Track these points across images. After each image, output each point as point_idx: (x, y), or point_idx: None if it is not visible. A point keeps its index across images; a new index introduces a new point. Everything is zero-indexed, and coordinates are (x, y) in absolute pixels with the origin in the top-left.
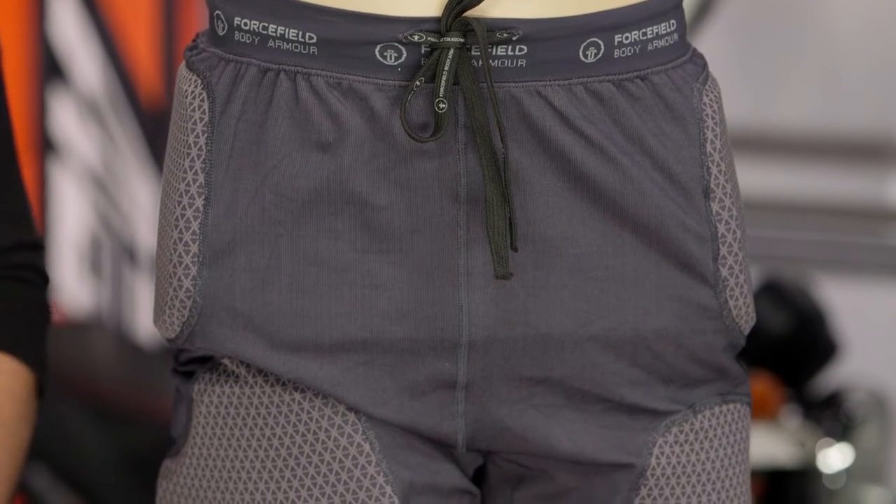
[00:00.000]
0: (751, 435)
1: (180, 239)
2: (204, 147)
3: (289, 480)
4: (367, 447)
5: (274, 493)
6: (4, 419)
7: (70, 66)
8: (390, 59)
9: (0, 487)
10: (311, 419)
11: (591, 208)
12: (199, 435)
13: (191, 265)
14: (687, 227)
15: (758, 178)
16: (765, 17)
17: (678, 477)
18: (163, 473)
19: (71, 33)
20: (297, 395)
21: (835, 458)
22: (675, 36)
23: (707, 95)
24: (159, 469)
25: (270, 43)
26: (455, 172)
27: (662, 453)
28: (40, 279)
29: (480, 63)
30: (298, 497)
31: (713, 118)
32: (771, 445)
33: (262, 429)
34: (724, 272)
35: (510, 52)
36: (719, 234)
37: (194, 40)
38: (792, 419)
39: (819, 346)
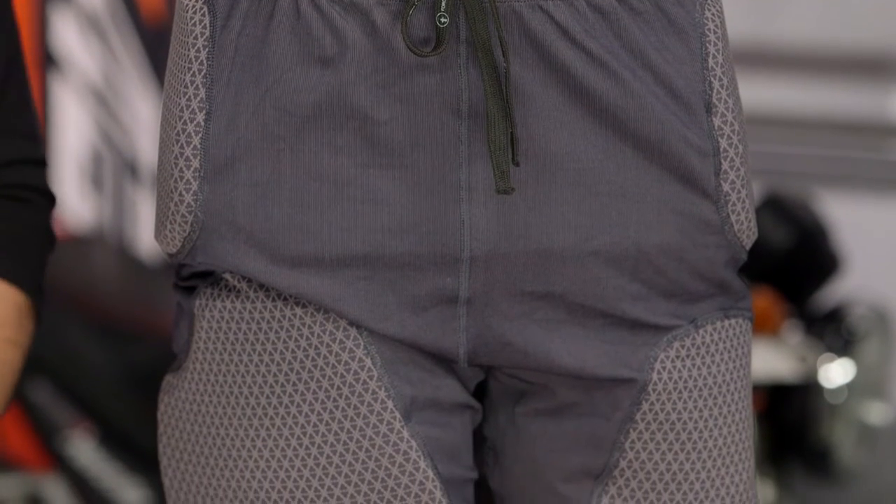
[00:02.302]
0: (752, 350)
1: (181, 154)
2: (205, 62)
3: (290, 395)
4: (368, 362)
5: (275, 407)
6: None
7: None
8: None
9: None
10: (312, 334)
11: (593, 123)
12: (200, 350)
13: (192, 180)
14: (689, 142)
15: (760, 93)
16: None
17: (679, 392)
18: (164, 388)
19: None
20: (299, 310)
21: (836, 373)
22: None
23: (709, 10)
24: (161, 384)
25: None
26: (456, 87)
27: (664, 368)
28: (43, 199)
29: None
30: (300, 412)
31: (715, 32)
32: (772, 360)
33: (263, 343)
34: (726, 187)
35: None
36: (721, 149)
37: None
38: (793, 334)
39: (821, 261)
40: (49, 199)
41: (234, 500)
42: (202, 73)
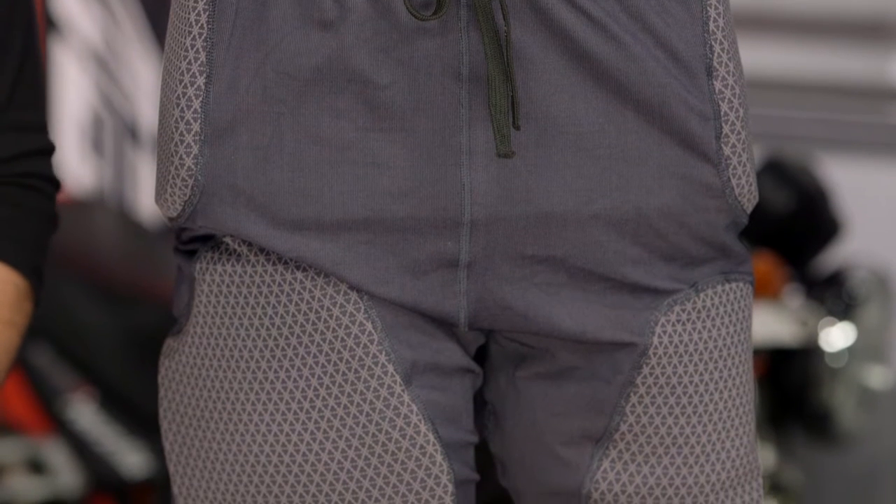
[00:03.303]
0: (753, 314)
1: (182, 117)
2: (205, 25)
3: (290, 359)
4: (369, 326)
5: (276, 371)
6: None
7: None
8: None
9: None
10: (312, 298)
11: (594, 87)
12: (200, 314)
13: (192, 143)
14: (690, 106)
15: (760, 57)
16: None
17: (680, 356)
18: (165, 352)
19: None
20: (299, 274)
21: (837, 336)
22: None
23: None
24: (161, 347)
25: None
26: (457, 51)
27: (665, 332)
28: (49, 185)
29: None
30: (300, 375)
31: None
32: (773, 324)
33: (263, 307)
34: (727, 150)
35: None
36: (722, 113)
37: None
38: (794, 298)
39: (821, 224)
40: (54, 185)
41: (234, 464)
42: (203, 37)
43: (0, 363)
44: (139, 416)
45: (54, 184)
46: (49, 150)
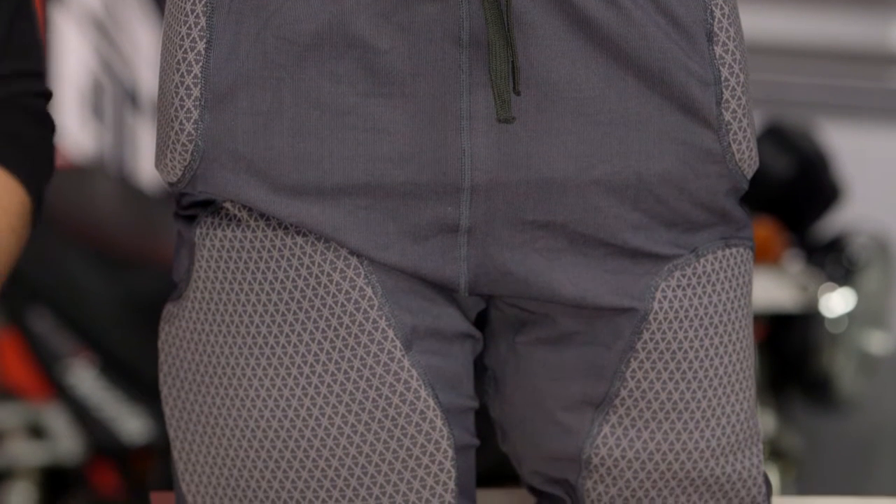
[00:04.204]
0: (753, 279)
1: (182, 83)
2: None
3: (290, 324)
4: (369, 291)
5: (276, 336)
6: None
7: None
8: None
9: None
10: (313, 263)
11: (594, 52)
12: (201, 279)
13: (192, 109)
14: (690, 71)
15: (761, 22)
16: None
17: (681, 321)
18: (165, 317)
19: None
20: (300, 240)
21: (837, 302)
22: None
23: None
24: (161, 313)
25: None
26: (457, 16)
27: (665, 297)
28: (49, 129)
29: None
30: (300, 340)
31: None
32: (773, 290)
33: (264, 273)
34: (728, 116)
35: None
36: (723, 78)
37: None
38: (794, 264)
39: (822, 190)
40: (52, 129)
41: (234, 429)
42: (203, 2)
43: (2, 265)
44: (139, 382)
45: (52, 128)
46: (47, 94)
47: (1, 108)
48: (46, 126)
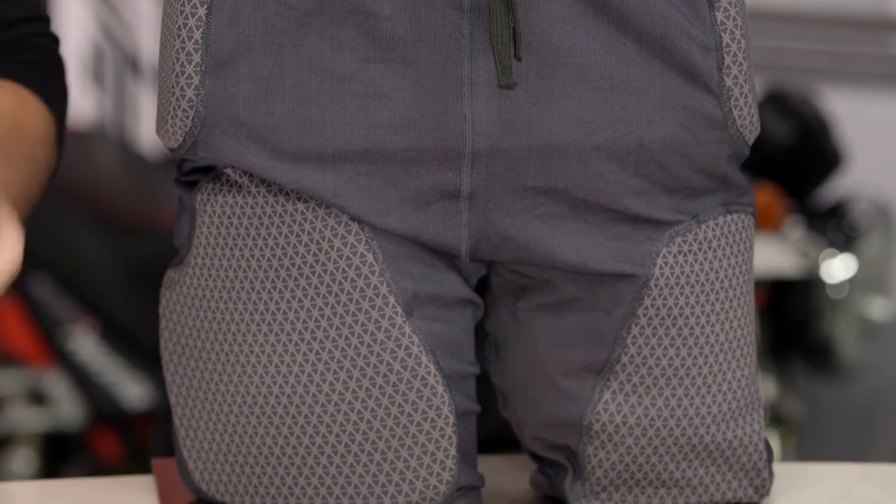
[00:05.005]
0: (755, 245)
1: (182, 48)
2: None
3: (292, 290)
4: (370, 257)
5: (277, 302)
6: (28, 136)
7: None
8: None
9: (17, 200)
10: (314, 229)
11: (595, 17)
12: (202, 245)
13: (193, 74)
14: (692, 37)
15: None
16: None
17: (682, 287)
18: (166, 283)
19: None
20: (301, 205)
21: (838, 268)
22: None
23: None
24: (162, 279)
25: None
26: None
27: (666, 263)
28: (61, 61)
29: None
30: (301, 306)
31: None
32: (775, 256)
33: (265, 239)
34: (729, 82)
35: None
36: (724, 44)
37: None
38: (796, 230)
39: (823, 156)
40: (64, 66)
41: (235, 395)
42: None
43: (39, 174)
44: (140, 348)
45: (64, 66)
46: (55, 38)
47: (14, 47)
48: (60, 63)
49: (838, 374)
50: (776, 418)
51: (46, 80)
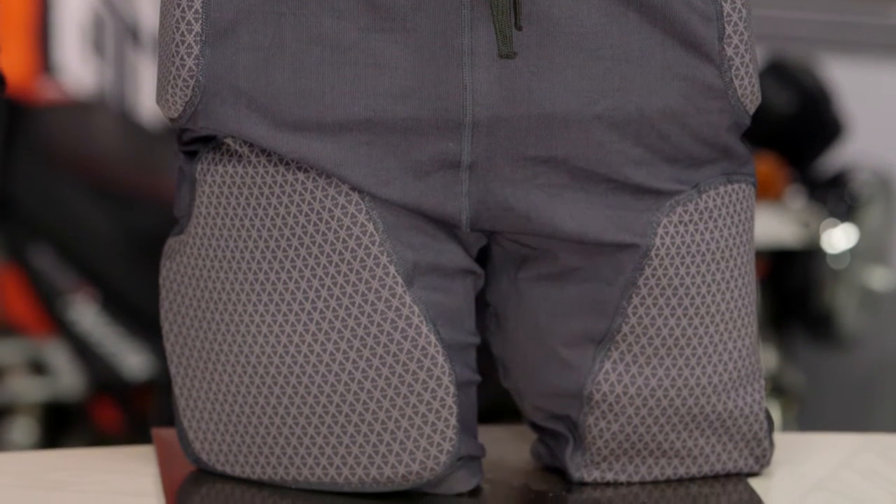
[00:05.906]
0: (755, 215)
1: (182, 18)
2: None
3: (292, 260)
4: (370, 227)
5: (277, 272)
6: None
7: None
8: None
9: None
10: (314, 199)
11: None
12: (202, 214)
13: (193, 44)
14: (692, 6)
15: None
16: None
17: (682, 257)
18: (166, 253)
19: None
20: (301, 175)
21: (839, 238)
22: None
23: None
24: (162, 248)
25: None
26: None
27: (667, 233)
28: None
29: None
30: (301, 276)
31: None
32: (775, 226)
33: (265, 208)
34: (730, 51)
35: None
36: (725, 13)
37: None
38: (797, 199)
39: (824, 126)
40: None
41: (235, 365)
42: None
43: None
44: (140, 318)
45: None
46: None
47: None
48: None
49: (839, 345)
50: (777, 388)
51: None
